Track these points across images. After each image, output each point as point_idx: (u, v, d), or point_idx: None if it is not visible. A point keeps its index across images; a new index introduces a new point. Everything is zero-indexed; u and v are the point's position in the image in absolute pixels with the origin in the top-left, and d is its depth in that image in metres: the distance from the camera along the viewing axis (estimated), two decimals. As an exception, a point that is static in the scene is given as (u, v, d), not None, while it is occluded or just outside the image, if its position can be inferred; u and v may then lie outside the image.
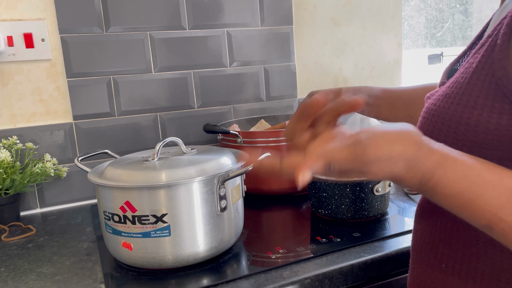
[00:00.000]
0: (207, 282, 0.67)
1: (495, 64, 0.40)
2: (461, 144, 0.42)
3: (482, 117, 0.40)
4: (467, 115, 0.41)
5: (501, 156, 0.40)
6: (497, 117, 0.39)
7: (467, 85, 0.42)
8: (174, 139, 0.78)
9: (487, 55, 0.41)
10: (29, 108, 1.09)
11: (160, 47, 1.18)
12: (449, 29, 1.71)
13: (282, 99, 1.35)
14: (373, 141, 0.38)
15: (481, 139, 0.40)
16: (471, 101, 0.41)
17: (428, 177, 0.38)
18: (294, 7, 1.33)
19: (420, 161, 0.38)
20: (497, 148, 0.40)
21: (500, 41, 0.40)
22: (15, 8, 1.04)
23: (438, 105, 0.45)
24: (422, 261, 0.51)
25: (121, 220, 0.69)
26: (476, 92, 0.41)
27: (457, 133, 0.42)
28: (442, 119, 0.44)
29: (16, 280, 0.73)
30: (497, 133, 0.39)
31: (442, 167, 0.38)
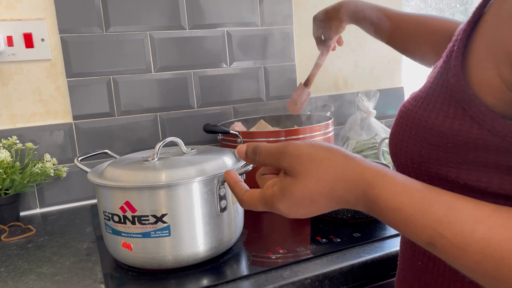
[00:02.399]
0: (207, 282, 0.67)
1: (450, 70, 0.41)
2: (420, 146, 0.43)
3: (437, 120, 0.41)
4: (426, 118, 0.43)
5: (456, 159, 0.41)
6: (450, 122, 0.40)
7: (429, 89, 0.44)
8: (174, 139, 0.78)
9: (446, 60, 0.42)
10: (29, 108, 1.09)
11: (160, 47, 1.18)
12: (449, 29, 1.70)
13: (282, 99, 1.35)
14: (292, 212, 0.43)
15: (437, 142, 0.41)
16: (430, 105, 0.43)
17: (370, 190, 0.39)
18: (294, 7, 1.33)
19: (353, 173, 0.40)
20: (452, 152, 0.41)
21: (456, 47, 0.41)
22: (15, 8, 1.04)
23: (406, 107, 0.47)
24: (405, 258, 0.53)
25: (121, 220, 0.69)
26: (435, 97, 0.42)
27: (417, 135, 0.44)
28: (407, 120, 0.45)
29: (16, 280, 0.73)
30: (451, 137, 0.40)
31: (381, 179, 0.39)
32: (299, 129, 1.00)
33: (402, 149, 0.46)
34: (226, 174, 0.51)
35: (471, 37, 0.41)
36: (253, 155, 0.46)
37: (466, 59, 0.40)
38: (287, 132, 0.99)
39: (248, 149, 0.47)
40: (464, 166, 0.40)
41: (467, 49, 0.41)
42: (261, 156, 0.45)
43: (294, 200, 0.42)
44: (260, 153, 0.45)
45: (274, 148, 0.44)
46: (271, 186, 0.44)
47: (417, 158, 0.44)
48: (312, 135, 1.02)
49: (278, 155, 0.43)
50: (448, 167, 0.41)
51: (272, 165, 0.45)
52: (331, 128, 1.07)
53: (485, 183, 0.39)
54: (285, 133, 0.99)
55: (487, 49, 0.38)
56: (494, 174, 0.39)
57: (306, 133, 1.00)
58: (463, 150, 0.40)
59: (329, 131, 1.06)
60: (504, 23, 0.36)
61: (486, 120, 0.38)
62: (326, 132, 1.05)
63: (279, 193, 0.43)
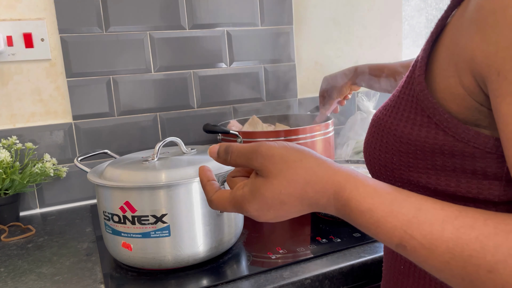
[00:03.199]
0: (207, 283, 0.67)
1: (415, 80, 0.42)
2: (391, 153, 0.44)
3: (406, 128, 0.42)
4: (395, 126, 0.44)
5: (425, 165, 0.42)
6: (417, 129, 0.41)
7: (397, 98, 0.45)
8: (174, 139, 0.78)
9: (412, 70, 0.43)
10: (29, 108, 1.09)
11: (160, 47, 1.18)
12: (449, 29, 1.70)
13: (282, 99, 1.35)
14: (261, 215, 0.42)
15: (406, 149, 0.43)
16: (399, 114, 0.44)
17: (341, 192, 0.39)
18: (294, 7, 1.33)
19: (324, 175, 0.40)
20: (421, 158, 0.42)
21: (420, 57, 0.42)
22: (15, 8, 1.04)
23: (377, 116, 0.48)
24: (388, 262, 0.53)
25: (120, 220, 0.69)
26: (403, 106, 0.43)
27: (388, 143, 0.45)
28: (378, 129, 0.47)
29: (16, 280, 0.73)
30: (418, 144, 0.41)
31: (352, 182, 0.39)
32: (299, 129, 1.00)
33: (375, 157, 0.47)
34: (200, 169, 0.49)
35: (434, 48, 0.42)
36: (224, 154, 0.45)
37: (430, 68, 0.41)
38: (287, 132, 0.99)
39: (220, 149, 0.46)
40: (432, 172, 0.41)
41: (430, 59, 0.42)
42: (233, 155, 0.44)
43: (265, 202, 0.41)
44: (232, 152, 0.44)
45: (246, 148, 0.43)
46: (241, 187, 0.44)
47: (390, 166, 0.45)
48: (312, 135, 1.02)
49: (250, 155, 0.42)
50: (418, 173, 0.43)
51: (244, 165, 0.44)
52: (331, 128, 1.07)
53: (454, 187, 0.41)
54: (285, 133, 0.99)
55: (449, 58, 0.39)
56: (461, 178, 0.40)
57: (306, 133, 1.00)
58: (430, 156, 0.41)
59: (329, 131, 1.06)
60: (463, 32, 0.37)
61: (450, 127, 0.39)
62: (326, 132, 1.05)
63: (250, 194, 0.42)
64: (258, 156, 0.42)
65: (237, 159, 0.44)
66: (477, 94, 0.37)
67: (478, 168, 0.39)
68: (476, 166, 0.39)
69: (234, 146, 0.44)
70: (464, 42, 0.37)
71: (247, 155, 0.43)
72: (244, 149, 0.43)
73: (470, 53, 0.36)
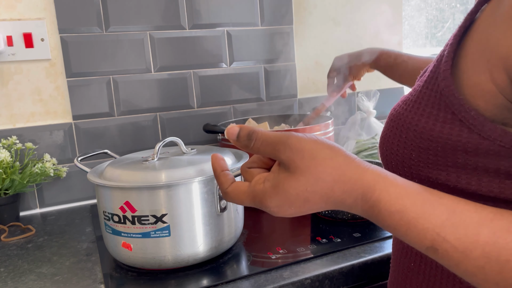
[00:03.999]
0: (207, 283, 0.67)
1: (440, 75, 0.41)
2: (410, 149, 0.43)
3: (427, 124, 0.41)
4: (416, 122, 0.43)
5: (446, 162, 0.41)
6: (440, 125, 0.40)
7: (419, 93, 0.44)
8: (174, 139, 0.78)
9: (437, 65, 0.43)
10: (29, 108, 1.09)
11: (160, 47, 1.18)
12: (449, 29, 1.71)
13: (282, 99, 1.35)
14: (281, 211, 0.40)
15: (427, 145, 0.42)
16: (420, 109, 0.43)
17: (369, 193, 0.38)
18: (294, 7, 1.33)
19: (353, 174, 0.38)
20: (442, 155, 0.41)
21: (446, 52, 0.41)
22: (15, 7, 1.04)
23: (397, 110, 0.47)
24: (397, 259, 0.53)
25: (120, 220, 0.69)
26: (425, 101, 0.43)
27: (408, 138, 0.44)
28: (397, 124, 0.45)
29: (16, 280, 0.73)
30: (440, 141, 0.40)
31: (382, 182, 0.38)
32: (298, 129, 1.00)
33: (393, 152, 0.46)
34: (213, 157, 0.46)
35: (462, 43, 0.41)
36: (247, 139, 0.41)
37: (456, 64, 0.41)
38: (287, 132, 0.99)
39: (242, 132, 0.42)
40: (453, 169, 0.41)
41: (457, 54, 0.41)
42: (257, 142, 0.41)
43: (287, 198, 0.39)
44: (257, 139, 0.41)
45: (273, 137, 0.40)
46: (262, 181, 0.41)
47: (408, 162, 0.44)
48: (313, 135, 1.01)
49: (277, 146, 0.39)
50: (438, 170, 0.42)
51: (268, 155, 0.41)
52: (331, 128, 1.07)
53: (475, 185, 0.40)
54: (285, 133, 0.99)
55: (480, 54, 0.38)
56: (483, 177, 0.39)
57: (306, 133, 1.00)
58: (452, 153, 0.40)
59: (329, 131, 1.06)
60: (498, 27, 0.36)
61: (476, 124, 0.38)
62: (326, 132, 1.05)
63: (271, 189, 0.40)
64: (287, 148, 0.39)
65: (261, 147, 0.41)
66: (509, 92, 0.36)
67: (501, 167, 0.38)
68: (500, 165, 0.38)
69: (260, 133, 0.41)
70: (498, 38, 0.36)
71: (274, 145, 0.40)
72: (271, 138, 0.40)
73: (505, 49, 0.35)
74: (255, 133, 0.41)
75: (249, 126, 0.42)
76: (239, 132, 0.42)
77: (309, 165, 0.38)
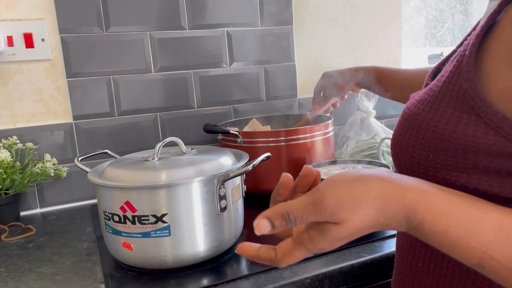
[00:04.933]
0: (207, 282, 0.67)
1: (462, 76, 0.40)
2: (428, 150, 0.43)
3: (448, 126, 0.41)
4: (435, 123, 0.42)
5: (465, 164, 0.40)
6: (462, 128, 0.40)
7: (438, 94, 0.43)
8: (174, 139, 0.78)
9: (457, 65, 0.42)
10: (29, 108, 1.09)
11: (160, 47, 1.18)
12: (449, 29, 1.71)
13: (282, 99, 1.35)
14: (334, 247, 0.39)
15: (446, 147, 0.41)
16: (440, 110, 0.42)
17: (412, 215, 0.37)
18: (294, 7, 1.33)
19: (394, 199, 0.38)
20: (462, 157, 0.40)
21: (468, 52, 0.41)
22: (15, 8, 1.04)
23: (412, 110, 0.46)
24: (402, 259, 0.52)
25: (121, 220, 0.69)
26: (445, 102, 0.42)
27: (425, 139, 0.43)
28: (413, 124, 0.45)
29: (16, 280, 0.73)
30: (462, 143, 0.40)
31: (424, 202, 0.37)
32: (299, 129, 1.00)
33: (408, 153, 0.45)
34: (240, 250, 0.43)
35: (484, 43, 0.40)
36: (286, 223, 0.38)
37: (480, 65, 0.40)
38: (287, 132, 0.99)
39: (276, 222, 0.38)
40: (473, 172, 0.40)
41: (479, 54, 0.40)
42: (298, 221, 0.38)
43: (338, 241, 0.39)
44: (296, 218, 0.38)
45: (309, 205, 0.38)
46: (304, 231, 0.40)
47: (424, 163, 0.43)
48: (312, 135, 1.02)
49: (318, 211, 0.37)
50: (457, 172, 0.41)
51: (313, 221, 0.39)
52: (331, 128, 1.07)
53: (497, 188, 0.39)
54: (285, 133, 0.99)
55: (508, 56, 0.38)
56: (506, 180, 0.39)
57: (306, 133, 1.00)
58: (473, 156, 0.39)
59: (329, 131, 1.06)
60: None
61: (503, 127, 0.37)
62: (326, 132, 1.05)
63: (319, 237, 0.39)
64: (327, 208, 0.37)
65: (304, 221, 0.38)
66: None
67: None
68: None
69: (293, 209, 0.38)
70: None
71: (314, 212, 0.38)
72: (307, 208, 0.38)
73: None
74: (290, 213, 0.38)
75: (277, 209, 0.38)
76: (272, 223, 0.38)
77: (352, 209, 0.37)
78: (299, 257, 0.40)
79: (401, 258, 0.53)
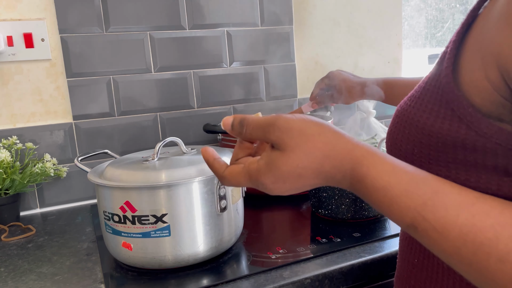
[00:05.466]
0: (207, 282, 0.67)
1: (442, 71, 0.41)
2: (413, 145, 0.44)
3: (429, 120, 0.42)
4: (418, 117, 0.43)
5: (446, 159, 0.41)
6: (440, 122, 0.41)
7: (422, 90, 0.44)
8: (174, 139, 0.78)
9: (440, 62, 0.43)
10: (29, 108, 1.09)
11: (160, 47, 1.18)
12: (449, 29, 1.71)
13: (282, 99, 1.35)
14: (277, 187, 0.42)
15: (428, 141, 0.42)
16: (423, 105, 0.43)
17: (358, 167, 0.39)
18: (294, 7, 1.33)
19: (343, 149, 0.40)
20: (442, 151, 0.41)
21: (449, 49, 0.41)
22: (15, 8, 1.04)
23: (402, 106, 0.47)
24: (402, 255, 0.53)
25: (121, 220, 0.69)
26: (428, 97, 0.43)
27: (410, 134, 0.44)
28: (401, 120, 0.46)
29: (16, 280, 0.73)
30: (440, 137, 0.41)
31: (371, 158, 0.39)
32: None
33: (397, 147, 0.46)
34: (203, 151, 0.47)
35: (464, 40, 0.41)
36: (239, 127, 0.44)
37: (458, 61, 0.41)
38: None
39: (234, 121, 0.44)
40: (453, 165, 0.41)
41: (460, 50, 0.41)
42: (248, 128, 0.43)
43: (281, 175, 0.40)
44: (247, 125, 0.43)
45: (263, 121, 0.42)
46: (255, 161, 0.43)
47: (410, 157, 0.45)
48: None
49: (267, 128, 0.41)
50: (438, 166, 0.42)
51: (259, 139, 0.43)
52: (331, 128, 1.07)
53: (473, 182, 0.40)
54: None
55: (476, 50, 0.39)
56: (482, 174, 0.40)
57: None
58: (452, 150, 0.41)
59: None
60: (492, 25, 0.36)
61: (473, 121, 0.38)
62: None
63: (265, 167, 0.41)
64: (276, 129, 0.41)
65: (253, 132, 0.43)
66: (502, 89, 0.37)
67: (499, 165, 0.38)
68: (497, 163, 0.38)
69: (249, 119, 0.43)
70: (492, 36, 0.36)
71: (264, 128, 0.42)
72: (260, 122, 0.42)
73: (498, 47, 0.35)
74: (245, 119, 0.43)
75: (241, 115, 0.45)
76: (232, 121, 0.44)
77: (299, 142, 0.40)
78: (240, 182, 0.44)
79: (401, 254, 0.54)
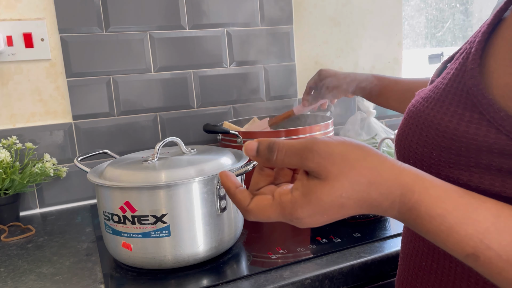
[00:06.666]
0: (207, 283, 0.67)
1: (467, 73, 0.40)
2: (431, 148, 0.42)
3: (451, 123, 0.40)
4: (438, 120, 0.41)
5: (467, 163, 0.40)
6: (465, 125, 0.39)
7: (442, 91, 0.43)
8: (174, 139, 0.78)
9: (462, 62, 0.42)
10: (29, 108, 1.09)
11: (160, 47, 1.18)
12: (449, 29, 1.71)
13: (282, 99, 1.35)
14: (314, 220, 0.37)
15: (449, 144, 0.40)
16: (443, 108, 0.41)
17: (409, 194, 0.36)
18: (294, 7, 1.33)
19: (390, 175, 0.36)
20: (464, 155, 0.40)
21: (474, 49, 0.40)
22: (15, 7, 1.04)
23: (416, 107, 0.46)
24: (406, 258, 0.52)
25: (120, 220, 0.69)
26: (449, 99, 0.41)
27: (428, 137, 0.42)
28: (417, 121, 0.44)
29: (16, 280, 0.73)
30: (464, 140, 0.39)
31: (421, 183, 0.36)
32: (299, 129, 1.00)
33: (412, 150, 0.45)
34: (222, 176, 0.41)
35: (490, 40, 0.40)
36: (268, 153, 0.38)
37: (485, 62, 0.39)
38: (287, 132, 0.99)
39: (261, 146, 0.38)
40: (476, 170, 0.39)
41: (485, 52, 0.40)
42: (280, 154, 0.37)
43: (321, 206, 0.36)
44: (279, 150, 0.37)
45: (298, 146, 0.37)
46: (288, 192, 0.38)
47: (427, 160, 0.43)
48: (312, 135, 1.02)
49: (305, 154, 0.36)
50: (459, 170, 0.40)
51: (293, 166, 0.38)
52: (331, 128, 1.07)
53: (498, 187, 0.39)
54: (285, 133, 0.99)
55: (507, 53, 0.37)
56: (508, 179, 0.38)
57: (306, 133, 1.00)
58: (476, 154, 0.39)
59: (329, 131, 1.06)
60: None
61: (505, 125, 0.37)
62: (326, 132, 1.05)
63: (303, 199, 0.36)
64: (315, 155, 0.36)
65: (285, 158, 0.37)
66: None
67: None
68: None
69: (281, 144, 0.37)
70: None
71: (300, 154, 0.36)
72: (295, 147, 0.37)
73: None
74: (275, 144, 0.38)
75: (267, 139, 0.39)
76: (258, 146, 0.39)
77: (342, 169, 0.36)
78: (270, 216, 0.38)
79: (405, 256, 0.53)
